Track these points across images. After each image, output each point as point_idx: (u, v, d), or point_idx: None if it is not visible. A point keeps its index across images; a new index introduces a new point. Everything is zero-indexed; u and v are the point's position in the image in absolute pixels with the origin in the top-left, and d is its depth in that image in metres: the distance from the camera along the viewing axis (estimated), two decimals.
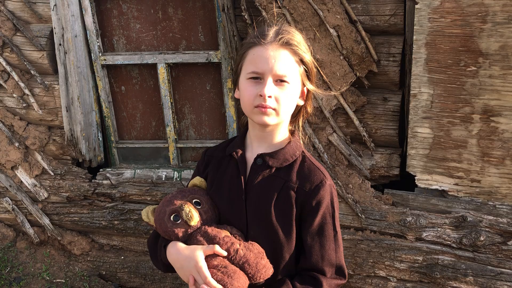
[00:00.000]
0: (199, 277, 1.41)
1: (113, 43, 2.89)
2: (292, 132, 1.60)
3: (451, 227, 2.43)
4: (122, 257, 3.16)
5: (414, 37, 2.27)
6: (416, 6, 2.22)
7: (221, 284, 1.39)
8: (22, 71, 2.93)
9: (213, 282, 1.38)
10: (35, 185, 3.07)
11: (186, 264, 1.44)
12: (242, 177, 1.53)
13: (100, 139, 3.06)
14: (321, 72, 1.70)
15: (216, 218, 1.56)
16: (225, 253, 1.43)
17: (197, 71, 2.86)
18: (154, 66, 2.86)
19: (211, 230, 1.48)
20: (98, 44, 2.85)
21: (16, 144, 3.00)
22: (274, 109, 1.44)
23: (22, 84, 2.90)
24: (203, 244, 1.46)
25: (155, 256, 1.62)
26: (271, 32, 1.47)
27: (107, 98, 2.98)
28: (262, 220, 1.50)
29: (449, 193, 2.46)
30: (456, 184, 2.43)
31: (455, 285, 2.44)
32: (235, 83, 1.58)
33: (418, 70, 2.31)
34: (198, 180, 1.64)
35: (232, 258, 1.44)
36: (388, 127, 2.53)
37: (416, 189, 2.53)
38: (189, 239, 1.50)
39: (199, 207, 1.54)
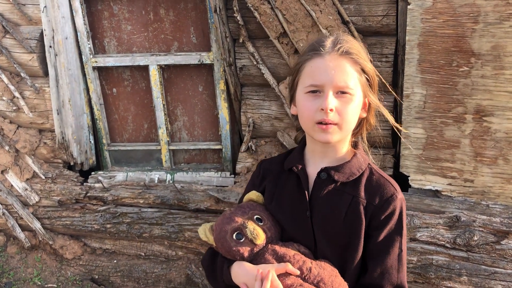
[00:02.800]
0: None
1: (104, 45, 2.87)
2: (355, 145, 1.51)
3: (445, 227, 2.44)
4: (115, 261, 3.13)
5: (407, 38, 2.27)
6: (409, 7, 2.22)
7: None
8: (12, 73, 2.90)
9: None
10: (26, 189, 3.03)
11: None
12: (306, 192, 1.45)
13: (92, 142, 3.03)
14: (384, 81, 1.62)
15: (279, 235, 1.47)
16: (297, 272, 1.35)
17: (189, 72, 2.84)
18: (146, 68, 2.84)
19: (279, 248, 1.40)
20: (89, 46, 2.82)
21: (6, 148, 2.96)
22: (336, 124, 1.35)
23: (12, 87, 2.87)
24: (272, 263, 1.38)
25: (213, 276, 1.53)
26: (328, 42, 1.39)
27: (98, 100, 2.95)
28: (332, 238, 1.42)
29: (442, 193, 2.46)
30: (450, 184, 2.44)
31: (449, 285, 2.44)
32: (291, 99, 1.49)
33: (411, 71, 2.32)
34: (254, 195, 1.55)
35: (306, 278, 1.35)
36: (382, 128, 2.53)
37: (410, 189, 2.53)
38: (255, 258, 1.42)
39: (261, 223, 1.45)
